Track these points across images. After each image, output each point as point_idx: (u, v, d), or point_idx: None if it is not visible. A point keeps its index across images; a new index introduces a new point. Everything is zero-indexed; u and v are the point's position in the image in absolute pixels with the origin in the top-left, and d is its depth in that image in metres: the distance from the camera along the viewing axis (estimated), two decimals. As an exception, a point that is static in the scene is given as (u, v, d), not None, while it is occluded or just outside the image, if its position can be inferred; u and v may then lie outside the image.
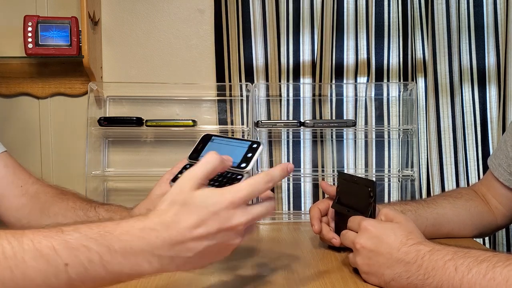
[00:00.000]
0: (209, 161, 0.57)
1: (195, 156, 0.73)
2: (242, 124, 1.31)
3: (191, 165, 0.68)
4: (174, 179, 0.67)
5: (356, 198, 0.81)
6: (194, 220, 0.52)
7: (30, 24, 1.19)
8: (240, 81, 1.30)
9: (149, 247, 0.51)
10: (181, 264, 0.53)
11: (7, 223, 0.86)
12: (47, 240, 0.48)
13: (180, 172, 0.69)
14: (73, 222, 0.53)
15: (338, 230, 0.85)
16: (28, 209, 0.85)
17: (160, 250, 0.51)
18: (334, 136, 1.33)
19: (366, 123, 1.32)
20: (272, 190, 1.32)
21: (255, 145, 0.64)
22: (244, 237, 0.57)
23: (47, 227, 0.51)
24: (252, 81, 1.29)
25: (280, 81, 1.30)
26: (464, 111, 1.33)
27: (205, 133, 0.76)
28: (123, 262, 0.50)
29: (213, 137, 0.74)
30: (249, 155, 0.64)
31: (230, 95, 1.31)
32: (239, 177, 0.63)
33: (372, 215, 0.77)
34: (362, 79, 1.33)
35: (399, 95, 1.33)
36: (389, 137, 1.34)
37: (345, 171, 1.31)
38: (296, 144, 1.33)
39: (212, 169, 0.57)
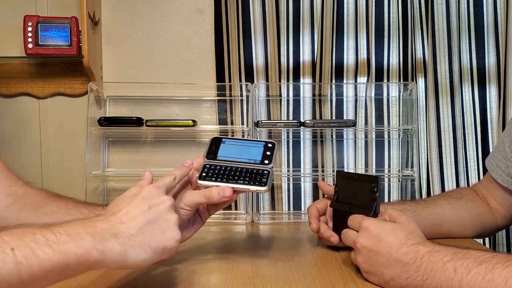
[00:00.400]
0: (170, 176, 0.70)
1: (211, 157, 0.77)
2: (242, 124, 1.31)
3: (210, 165, 0.75)
4: (200, 178, 0.74)
5: (357, 195, 0.81)
6: (128, 206, 0.61)
7: (30, 24, 1.19)
8: (240, 81, 1.30)
9: (91, 228, 0.56)
10: (128, 243, 0.57)
11: None
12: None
13: (203, 170, 0.75)
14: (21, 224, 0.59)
15: (336, 229, 0.86)
16: (17, 208, 0.84)
17: (101, 229, 0.56)
18: (334, 136, 1.33)
19: (366, 123, 1.32)
20: (272, 189, 1.33)
21: (270, 145, 0.74)
22: (177, 217, 0.64)
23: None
24: (252, 81, 1.29)
25: (280, 81, 1.30)
26: (464, 111, 1.33)
27: (214, 136, 0.79)
28: (68, 241, 0.52)
29: (223, 139, 0.79)
30: (268, 153, 0.71)
31: (230, 95, 1.31)
32: (266, 172, 0.72)
33: (377, 210, 0.77)
34: (362, 79, 1.33)
35: (399, 95, 1.33)
36: (389, 137, 1.34)
37: (345, 171, 1.31)
38: (296, 144, 1.33)
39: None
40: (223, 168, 0.74)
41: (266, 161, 0.73)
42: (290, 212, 1.33)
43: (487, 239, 1.31)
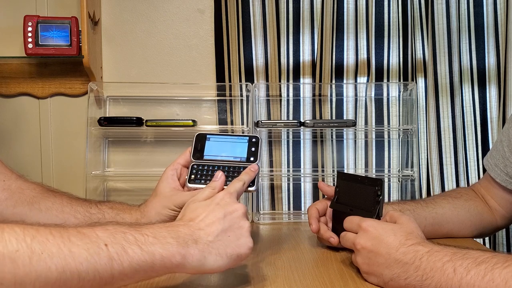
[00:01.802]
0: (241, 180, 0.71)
1: (198, 155, 0.77)
2: (242, 124, 1.31)
3: (198, 165, 0.76)
4: (190, 181, 0.76)
5: (359, 197, 0.81)
6: (203, 211, 0.64)
7: (30, 24, 1.19)
8: (240, 81, 1.30)
9: (174, 233, 0.59)
10: (207, 249, 0.60)
11: None
12: (88, 227, 0.55)
13: (191, 172, 0.76)
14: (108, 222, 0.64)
15: (335, 230, 0.86)
16: (12, 203, 0.83)
17: (184, 234, 0.59)
18: (334, 136, 1.33)
19: (366, 123, 1.32)
20: (272, 190, 1.32)
21: (254, 139, 0.72)
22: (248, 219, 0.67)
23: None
24: (252, 81, 1.29)
25: (280, 81, 1.30)
26: (464, 111, 1.33)
27: (197, 133, 0.80)
28: (155, 243, 0.56)
29: (208, 136, 0.79)
30: (253, 149, 0.70)
31: (230, 95, 1.31)
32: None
33: (380, 214, 0.77)
34: (362, 79, 1.33)
35: (399, 95, 1.33)
36: (389, 137, 1.34)
37: (345, 171, 1.31)
38: (296, 144, 1.33)
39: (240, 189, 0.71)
40: (210, 168, 0.76)
41: (252, 158, 0.74)
42: (290, 212, 1.33)
43: (487, 239, 1.31)
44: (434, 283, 0.61)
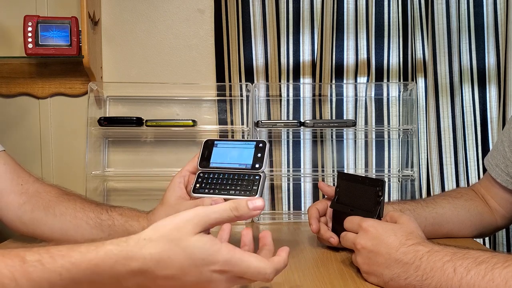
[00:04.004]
0: (226, 211, 0.55)
1: (205, 164, 0.75)
2: (242, 124, 1.31)
3: (204, 173, 0.72)
4: (194, 190, 0.72)
5: (360, 197, 0.81)
6: (174, 270, 0.50)
7: (30, 24, 1.19)
8: (240, 81, 1.30)
9: (117, 281, 0.49)
10: None
11: (6, 221, 0.86)
12: (7, 270, 0.47)
13: (196, 181, 0.73)
14: (40, 247, 0.51)
15: (335, 230, 0.86)
16: (30, 207, 0.85)
17: (128, 282, 0.50)
18: (334, 136, 1.33)
19: (366, 123, 1.32)
20: (272, 190, 1.32)
21: (261, 144, 0.68)
22: None
23: (8, 254, 0.49)
24: (252, 81, 1.29)
25: (280, 81, 1.30)
26: (464, 111, 1.33)
27: (206, 139, 0.77)
28: None
29: (215, 142, 0.76)
30: (259, 155, 0.67)
31: (230, 95, 1.31)
32: (257, 177, 0.68)
33: (381, 214, 0.77)
34: (362, 79, 1.33)
35: (399, 95, 1.33)
36: (389, 137, 1.34)
37: (345, 171, 1.31)
38: (296, 144, 1.33)
39: (226, 219, 0.55)
40: (215, 176, 0.73)
41: (257, 165, 0.70)
42: (290, 212, 1.33)
43: (487, 239, 1.31)
44: (434, 283, 0.61)
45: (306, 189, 1.33)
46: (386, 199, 1.31)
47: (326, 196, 0.93)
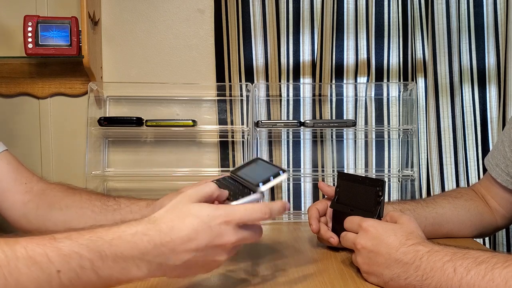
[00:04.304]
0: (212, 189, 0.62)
1: (235, 170, 0.74)
2: (242, 124, 1.31)
3: (232, 178, 0.72)
4: (232, 198, 0.68)
5: (360, 197, 0.81)
6: (188, 230, 0.55)
7: (30, 24, 1.19)
8: (240, 81, 1.30)
9: (139, 252, 0.53)
10: (168, 271, 0.56)
11: (11, 220, 0.87)
12: (40, 247, 0.50)
13: (224, 179, 0.72)
14: (66, 229, 0.54)
15: (335, 230, 0.86)
16: (35, 205, 0.86)
17: (149, 255, 0.54)
18: (334, 136, 1.33)
19: (366, 123, 1.32)
20: (272, 190, 1.32)
21: (281, 172, 0.66)
22: (229, 255, 0.60)
23: (40, 235, 0.52)
24: (252, 81, 1.29)
25: (280, 81, 1.30)
26: (464, 111, 1.33)
27: (257, 157, 0.76)
28: (113, 267, 0.52)
29: (259, 160, 0.75)
30: (271, 178, 0.66)
31: (230, 95, 1.31)
32: (251, 192, 0.66)
33: (381, 214, 0.77)
34: (362, 79, 1.33)
35: (399, 95, 1.33)
36: (389, 137, 1.34)
37: (345, 171, 1.31)
38: (296, 144, 1.33)
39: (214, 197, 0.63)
40: (231, 182, 0.72)
41: (260, 184, 0.66)
42: (290, 212, 1.33)
43: (487, 239, 1.31)
44: (434, 283, 0.61)
45: (306, 189, 1.33)
46: (386, 199, 1.31)
47: (326, 196, 0.93)
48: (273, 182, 0.65)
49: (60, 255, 0.50)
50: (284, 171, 0.66)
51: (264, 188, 0.65)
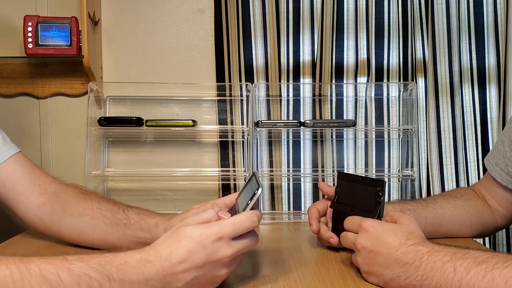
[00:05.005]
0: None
1: (238, 194, 0.75)
2: (242, 124, 1.31)
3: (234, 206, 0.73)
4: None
5: (360, 197, 0.81)
6: (184, 253, 0.58)
7: (30, 24, 1.19)
8: (240, 81, 1.30)
9: (144, 278, 0.56)
10: None
11: (27, 222, 0.88)
12: (52, 267, 0.52)
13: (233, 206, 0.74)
14: (76, 253, 0.57)
15: (335, 230, 0.86)
16: (49, 208, 0.86)
17: (153, 280, 0.57)
18: (334, 136, 1.33)
19: (366, 123, 1.32)
20: (272, 190, 1.32)
21: (256, 190, 0.66)
22: (231, 268, 0.63)
23: (52, 256, 0.55)
24: (252, 81, 1.29)
25: (280, 81, 1.30)
26: (464, 111, 1.33)
27: (253, 173, 0.76)
28: None
29: (253, 177, 0.73)
30: (248, 202, 0.66)
31: (230, 95, 1.31)
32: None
33: (381, 214, 0.77)
34: (362, 79, 1.33)
35: (399, 95, 1.33)
36: (389, 137, 1.34)
37: (345, 171, 1.31)
38: (296, 144, 1.33)
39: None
40: (233, 211, 0.73)
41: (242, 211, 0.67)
42: (290, 212, 1.33)
43: (487, 239, 1.31)
44: (434, 283, 0.61)
45: (306, 189, 1.33)
46: (386, 199, 1.31)
47: (326, 196, 0.93)
48: (250, 205, 0.66)
49: (71, 275, 0.52)
50: (258, 187, 0.66)
51: (259, 189, 0.66)
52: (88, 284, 0.53)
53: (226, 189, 1.31)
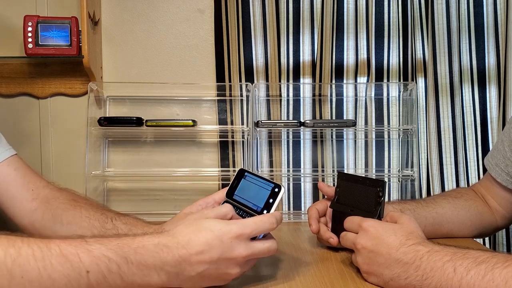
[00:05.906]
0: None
1: (230, 193, 0.75)
2: (242, 124, 1.31)
3: (231, 204, 0.72)
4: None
5: (359, 197, 0.81)
6: (202, 243, 0.59)
7: (30, 24, 1.19)
8: (240, 81, 1.30)
9: (160, 262, 0.58)
10: (184, 281, 0.60)
11: (21, 226, 0.87)
12: (72, 247, 0.54)
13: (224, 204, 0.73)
14: (94, 235, 0.60)
15: (335, 230, 0.86)
16: (41, 213, 0.85)
17: (169, 266, 0.58)
18: (334, 136, 1.33)
19: (366, 123, 1.32)
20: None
21: (276, 189, 0.69)
22: (243, 269, 0.64)
23: (70, 237, 0.57)
24: (252, 81, 1.29)
25: (280, 81, 1.30)
26: (464, 111, 1.33)
27: (241, 168, 0.77)
28: (136, 273, 0.57)
29: (246, 174, 0.75)
30: (271, 200, 0.67)
31: (230, 95, 1.31)
32: None
33: (381, 215, 0.77)
34: (362, 79, 1.33)
35: (399, 95, 1.33)
36: (389, 137, 1.34)
37: (345, 171, 1.31)
38: (296, 144, 1.33)
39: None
40: (235, 210, 0.72)
41: (265, 211, 0.69)
42: (290, 212, 1.33)
43: (487, 239, 1.31)
44: (434, 283, 0.61)
45: (306, 189, 1.33)
46: (386, 199, 1.31)
47: (326, 196, 0.93)
48: (276, 204, 0.68)
49: (90, 256, 0.54)
50: (280, 186, 0.68)
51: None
52: (107, 266, 0.54)
53: (226, 189, 1.31)
